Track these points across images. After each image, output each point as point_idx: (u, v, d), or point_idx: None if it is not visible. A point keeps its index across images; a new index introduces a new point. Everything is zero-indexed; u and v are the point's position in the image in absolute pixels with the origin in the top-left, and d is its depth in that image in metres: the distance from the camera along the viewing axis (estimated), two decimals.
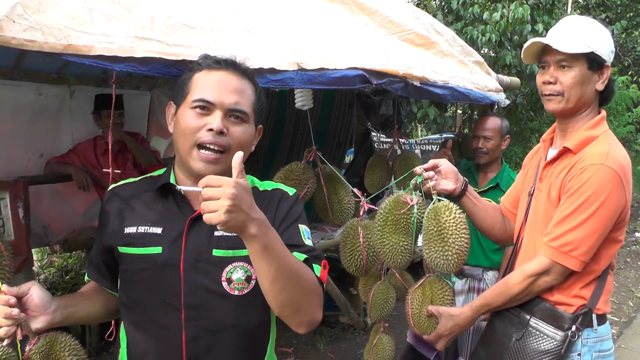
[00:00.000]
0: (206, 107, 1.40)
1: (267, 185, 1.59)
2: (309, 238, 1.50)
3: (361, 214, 2.67)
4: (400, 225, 2.15)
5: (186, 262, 1.43)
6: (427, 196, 2.15)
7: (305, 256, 1.41)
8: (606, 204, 1.79)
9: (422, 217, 2.11)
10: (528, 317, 1.96)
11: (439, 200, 2.10)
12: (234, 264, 1.45)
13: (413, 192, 2.16)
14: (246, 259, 1.41)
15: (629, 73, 16.84)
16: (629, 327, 5.70)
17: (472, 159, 3.42)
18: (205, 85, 1.42)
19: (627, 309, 6.27)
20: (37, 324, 1.43)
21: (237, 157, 1.23)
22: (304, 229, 1.50)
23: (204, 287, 1.43)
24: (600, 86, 1.91)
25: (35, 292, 1.43)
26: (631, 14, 17.03)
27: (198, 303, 1.43)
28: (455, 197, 2.15)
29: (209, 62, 1.46)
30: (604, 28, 1.91)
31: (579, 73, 1.87)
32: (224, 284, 1.44)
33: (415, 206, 2.12)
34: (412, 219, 2.13)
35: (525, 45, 1.95)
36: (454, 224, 2.03)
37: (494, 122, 3.25)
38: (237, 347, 1.47)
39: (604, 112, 1.98)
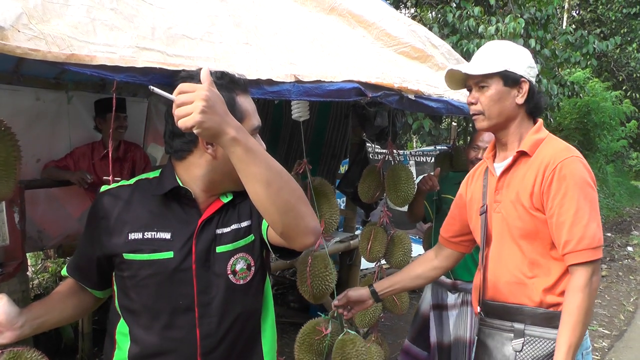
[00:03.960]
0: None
1: None
2: None
3: (316, 247, 2.78)
4: (314, 347, 2.63)
5: (197, 263, 1.48)
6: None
7: None
8: (590, 187, 1.91)
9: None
10: (522, 326, 1.98)
11: (349, 332, 2.62)
12: (236, 256, 1.52)
13: (330, 321, 2.67)
14: (244, 249, 1.53)
15: (623, 88, 17.00)
16: (620, 340, 5.73)
17: (461, 171, 3.44)
18: (252, 111, 1.52)
19: (618, 322, 6.30)
20: (1, 339, 1.45)
21: (205, 70, 1.28)
22: None
23: (215, 284, 1.50)
24: (520, 100, 2.01)
25: (1, 308, 1.44)
26: (625, 30, 17.21)
27: (210, 300, 1.49)
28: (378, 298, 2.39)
29: (243, 85, 1.53)
30: (519, 47, 2.07)
31: (495, 91, 1.99)
32: (230, 276, 1.51)
33: (329, 335, 2.61)
34: (325, 344, 2.62)
35: (444, 75, 2.11)
36: (356, 356, 2.52)
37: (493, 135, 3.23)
38: (243, 332, 1.55)
39: (541, 120, 2.09)
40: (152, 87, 1.30)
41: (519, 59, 2.01)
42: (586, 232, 1.86)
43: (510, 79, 1.99)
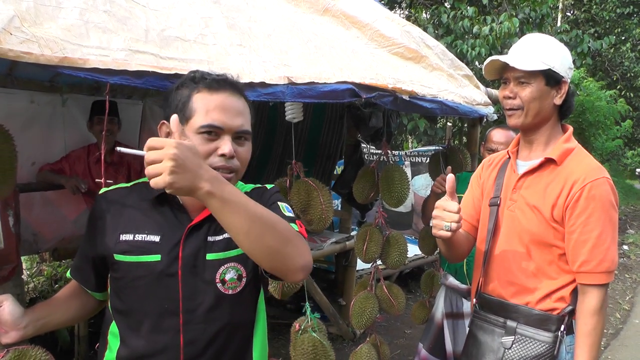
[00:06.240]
0: (215, 132, 1.41)
1: (249, 187, 1.64)
2: (289, 212, 1.53)
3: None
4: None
5: (184, 268, 1.46)
6: None
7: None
8: (615, 210, 1.90)
9: None
10: (515, 324, 1.98)
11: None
12: (226, 265, 1.49)
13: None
14: (236, 259, 1.49)
15: (617, 87, 17.05)
16: (616, 339, 5.75)
17: (472, 172, 3.42)
18: (211, 109, 1.42)
19: (614, 320, 6.32)
20: (6, 339, 1.46)
21: (174, 119, 1.23)
22: (283, 205, 1.54)
23: (201, 291, 1.47)
24: (558, 101, 1.97)
25: (6, 308, 1.45)
26: (619, 30, 17.29)
27: (196, 307, 1.47)
28: None
29: (208, 81, 1.45)
30: (562, 46, 2.00)
31: (536, 89, 1.93)
32: (219, 285, 1.48)
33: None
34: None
35: (485, 63, 2.02)
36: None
37: (508, 136, 3.13)
38: (231, 342, 1.53)
39: (571, 128, 2.06)
40: (119, 148, 1.26)
41: (562, 59, 1.95)
42: (607, 255, 1.88)
43: (552, 79, 1.93)
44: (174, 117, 1.24)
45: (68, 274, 1.68)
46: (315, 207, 2.90)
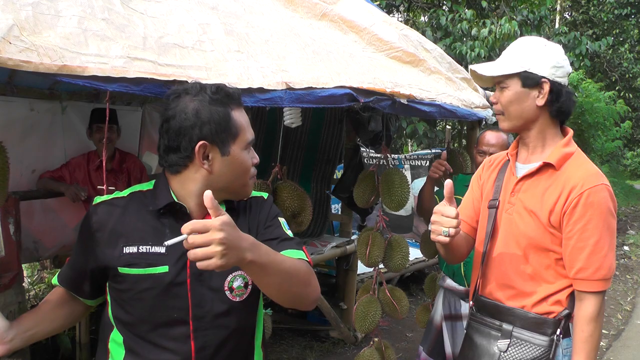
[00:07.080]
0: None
1: None
2: (288, 229, 1.63)
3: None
4: None
5: (192, 277, 1.48)
6: None
7: (293, 250, 1.54)
8: (613, 217, 1.89)
9: None
10: (510, 327, 1.98)
11: None
12: (233, 274, 1.52)
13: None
14: None
15: (616, 88, 17.07)
16: (618, 340, 5.74)
17: (471, 174, 3.42)
18: (246, 125, 1.54)
19: (615, 321, 6.31)
20: None
21: (208, 196, 1.20)
22: (282, 221, 1.64)
23: (210, 299, 1.49)
24: (540, 101, 1.93)
25: None
26: (617, 31, 17.33)
27: (205, 315, 1.49)
28: None
29: (238, 99, 1.52)
30: (548, 46, 1.97)
31: (512, 92, 1.93)
32: (227, 293, 1.51)
33: None
34: None
35: (469, 73, 2.05)
36: None
37: (499, 138, 3.12)
38: (238, 347, 1.57)
39: (571, 131, 2.03)
40: (166, 242, 1.26)
41: (542, 59, 1.93)
42: (604, 263, 1.87)
43: (529, 80, 1.91)
44: (208, 194, 1.20)
45: (54, 281, 1.65)
46: (306, 212, 2.96)
